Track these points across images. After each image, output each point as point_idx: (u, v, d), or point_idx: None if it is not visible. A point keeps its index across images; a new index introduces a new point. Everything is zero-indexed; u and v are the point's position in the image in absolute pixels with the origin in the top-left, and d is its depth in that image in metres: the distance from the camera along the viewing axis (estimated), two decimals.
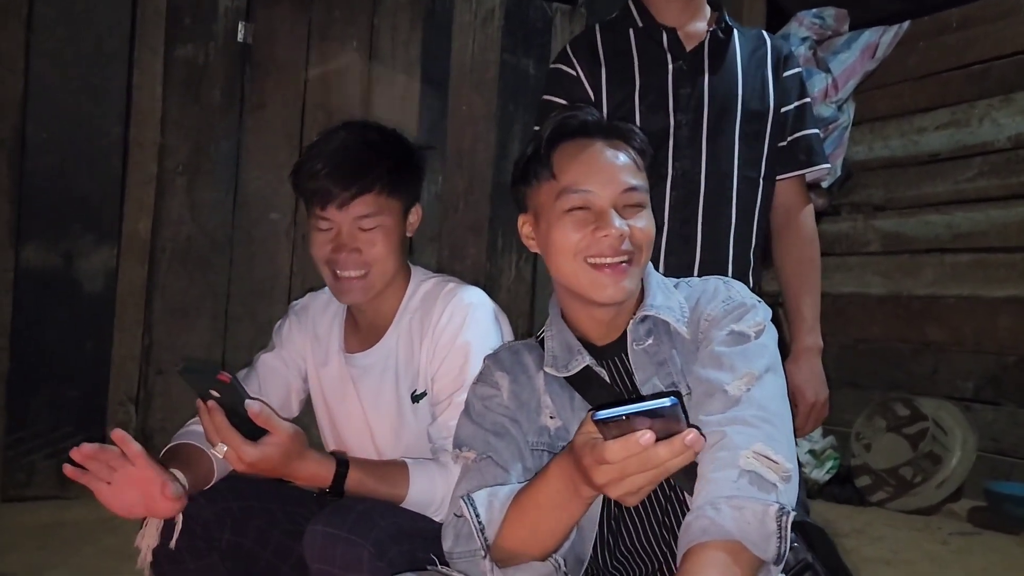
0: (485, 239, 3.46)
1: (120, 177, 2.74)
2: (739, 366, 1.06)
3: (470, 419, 1.23)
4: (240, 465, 1.16)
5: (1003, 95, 3.12)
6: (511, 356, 1.26)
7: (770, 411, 1.02)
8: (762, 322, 1.12)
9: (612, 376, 1.18)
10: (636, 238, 1.14)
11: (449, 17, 3.36)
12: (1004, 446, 3.03)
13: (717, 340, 1.10)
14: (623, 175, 1.15)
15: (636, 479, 0.89)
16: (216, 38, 2.91)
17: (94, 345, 2.71)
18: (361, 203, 1.38)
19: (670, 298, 1.19)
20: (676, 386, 1.14)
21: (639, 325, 1.17)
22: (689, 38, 1.72)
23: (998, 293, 3.09)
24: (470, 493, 1.13)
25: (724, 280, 1.21)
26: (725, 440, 0.98)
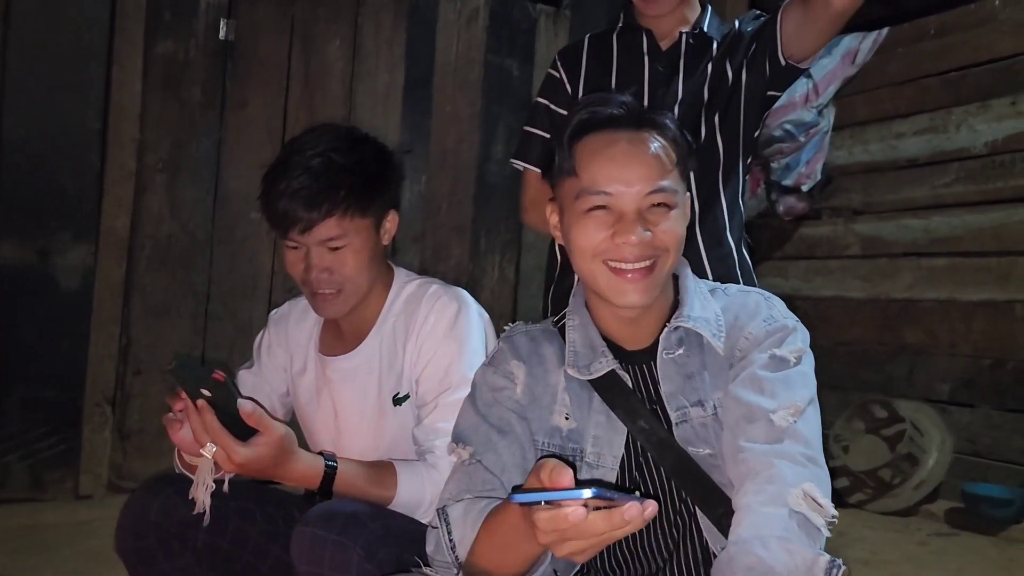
0: (468, 240, 3.45)
1: (98, 173, 2.71)
2: (780, 393, 1.02)
3: (475, 408, 1.17)
4: (230, 465, 1.14)
5: (980, 102, 3.16)
6: (528, 343, 1.20)
7: (814, 448, 1.00)
8: (802, 348, 1.09)
9: (635, 382, 1.14)
10: (660, 241, 1.08)
11: (433, 16, 3.35)
12: (980, 448, 3.06)
13: (758, 363, 1.06)
14: (648, 175, 1.08)
15: (576, 543, 0.85)
16: (197, 35, 2.88)
17: (70, 344, 2.67)
18: (324, 228, 1.34)
19: (706, 308, 1.13)
20: (703, 404, 1.10)
21: (672, 334, 1.12)
22: (665, 38, 1.75)
23: (973, 297, 3.13)
24: (446, 506, 1.10)
25: (765, 296, 1.16)
26: (774, 473, 0.95)
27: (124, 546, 1.29)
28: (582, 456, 1.14)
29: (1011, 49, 3.08)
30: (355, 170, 1.37)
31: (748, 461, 0.98)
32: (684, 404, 1.11)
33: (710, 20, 1.77)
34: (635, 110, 1.13)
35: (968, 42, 3.20)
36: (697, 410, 1.10)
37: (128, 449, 2.77)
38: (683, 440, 1.11)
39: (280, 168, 1.37)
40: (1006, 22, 3.10)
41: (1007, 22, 3.09)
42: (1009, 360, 3.01)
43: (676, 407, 1.11)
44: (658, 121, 1.12)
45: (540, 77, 3.50)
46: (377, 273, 1.45)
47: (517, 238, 3.56)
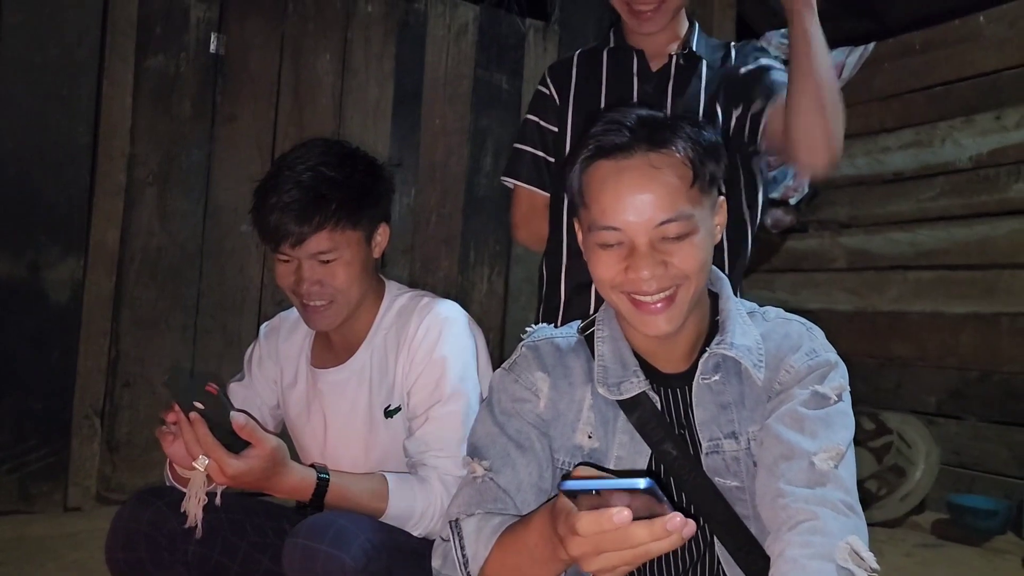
0: (457, 252, 3.47)
1: (88, 187, 2.71)
2: (821, 434, 1.00)
3: (492, 417, 1.13)
4: (222, 478, 1.15)
5: (964, 116, 3.20)
6: (554, 354, 1.15)
7: (854, 496, 0.98)
8: (843, 384, 1.06)
9: (664, 405, 1.10)
10: (677, 271, 1.03)
11: (423, 31, 3.38)
12: (966, 459, 3.09)
13: (799, 399, 1.03)
14: (658, 204, 1.02)
15: (611, 557, 0.81)
16: (188, 49, 2.89)
17: (59, 357, 2.66)
18: (315, 241, 1.36)
19: (747, 335, 1.09)
20: (736, 436, 1.07)
21: (710, 359, 1.09)
22: (655, 58, 1.74)
23: (960, 309, 3.16)
24: (459, 519, 1.07)
25: (807, 327, 1.12)
26: (818, 524, 0.93)
27: (114, 557, 1.29)
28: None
29: (995, 65, 3.12)
30: (345, 184, 1.38)
31: (789, 507, 0.95)
32: (718, 435, 1.08)
33: (698, 38, 1.76)
34: (640, 130, 1.06)
35: (953, 58, 3.25)
36: (730, 442, 1.08)
37: (117, 461, 2.76)
38: (710, 470, 1.08)
39: (271, 182, 1.38)
40: (990, 38, 3.14)
41: (991, 38, 3.14)
42: (995, 372, 3.04)
43: (709, 437, 1.08)
44: (668, 140, 1.05)
45: (529, 91, 3.55)
46: (368, 286, 1.46)
47: (506, 250, 3.57)
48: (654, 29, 1.71)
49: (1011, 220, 3.03)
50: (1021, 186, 3.02)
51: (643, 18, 1.68)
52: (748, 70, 1.68)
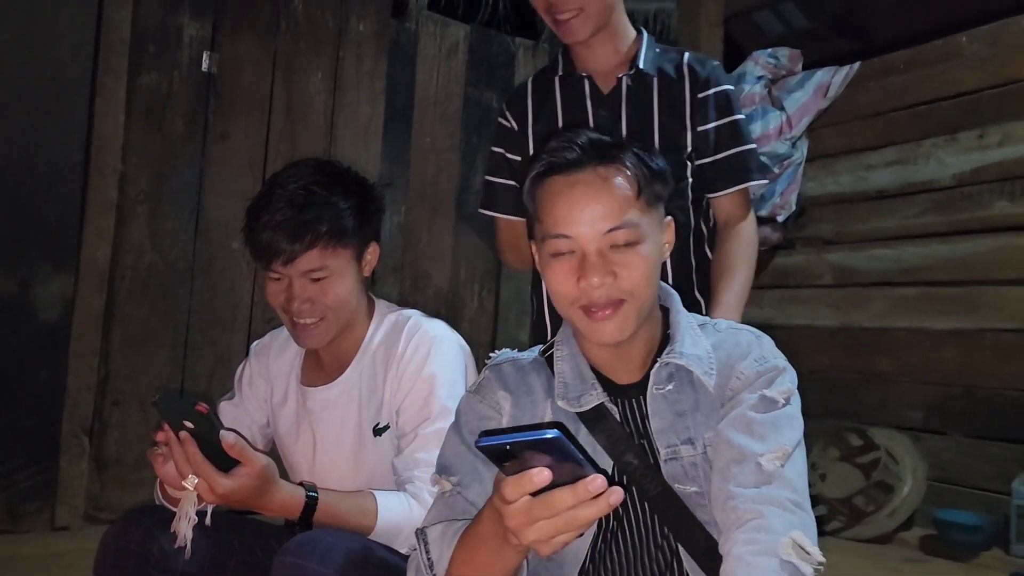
0: (448, 270, 3.49)
1: (80, 204, 2.72)
2: (770, 436, 1.04)
3: (459, 437, 1.17)
4: (212, 496, 1.16)
5: (947, 135, 3.25)
6: (516, 373, 1.20)
7: (801, 494, 1.01)
8: (791, 388, 1.10)
9: (624, 415, 1.14)
10: (624, 284, 1.08)
11: (414, 50, 3.41)
12: (951, 475, 3.11)
13: (748, 404, 1.07)
14: (605, 213, 1.08)
15: (544, 527, 0.84)
16: (181, 67, 2.91)
17: (48, 374, 2.66)
18: (306, 259, 1.38)
19: (697, 345, 1.14)
20: (692, 442, 1.10)
21: (663, 369, 1.13)
22: (606, 79, 1.77)
23: (943, 325, 3.19)
24: (425, 527, 1.11)
25: (756, 334, 1.17)
26: (762, 522, 0.96)
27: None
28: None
29: (976, 84, 3.17)
30: (337, 203, 1.40)
31: (738, 508, 0.99)
32: (675, 442, 1.11)
33: (646, 52, 1.77)
34: (591, 149, 1.12)
35: (935, 77, 3.30)
36: (687, 448, 1.11)
37: (105, 480, 2.76)
38: (670, 477, 1.11)
39: (263, 201, 1.40)
40: (971, 58, 3.19)
41: (972, 58, 3.19)
42: (979, 388, 3.07)
43: (666, 444, 1.12)
44: (614, 154, 1.11)
45: None
46: (358, 304, 1.47)
47: (496, 268, 3.59)
48: (578, 37, 1.72)
49: (993, 237, 3.07)
50: (1003, 204, 3.06)
51: (564, 27, 1.70)
52: (717, 126, 1.76)
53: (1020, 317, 2.97)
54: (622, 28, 1.79)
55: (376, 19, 3.30)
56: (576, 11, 1.68)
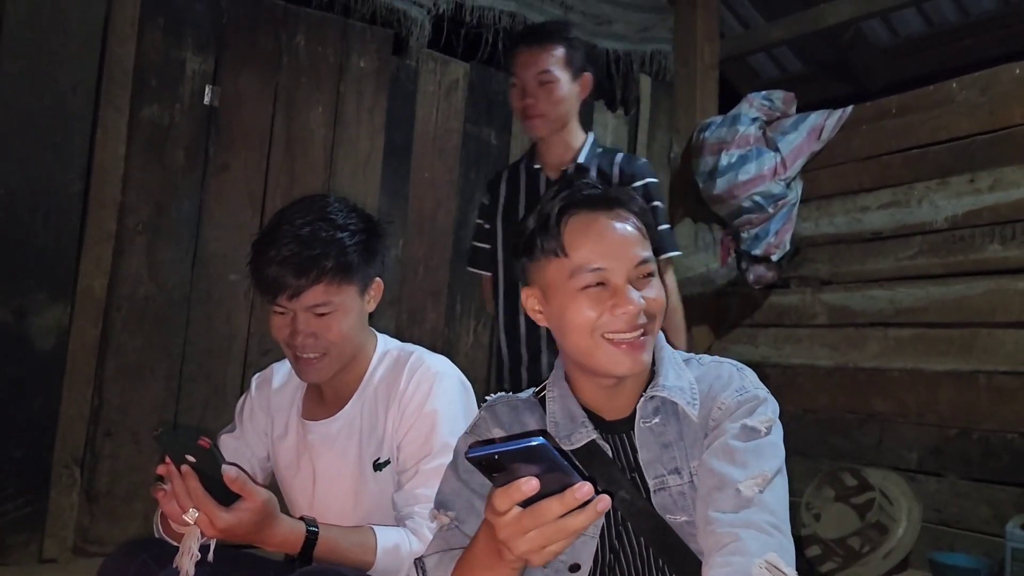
0: (444, 304, 3.49)
1: (78, 234, 2.72)
2: (751, 463, 1.06)
3: (456, 474, 1.19)
4: (212, 531, 1.15)
5: (939, 178, 3.29)
6: (509, 412, 1.23)
7: (780, 517, 1.03)
8: (772, 418, 1.13)
9: (615, 451, 1.17)
10: (651, 309, 1.14)
11: (414, 87, 3.45)
12: (947, 516, 3.10)
13: (730, 433, 1.10)
14: (634, 248, 1.15)
15: (535, 537, 0.86)
16: (182, 100, 2.93)
17: (42, 404, 2.64)
18: (311, 294, 1.39)
19: (681, 377, 1.18)
20: (679, 472, 1.13)
21: (648, 403, 1.16)
22: (553, 171, 2.38)
23: (938, 367, 3.20)
24: (423, 556, 1.13)
25: (738, 367, 1.21)
26: (739, 544, 0.98)
27: None
28: None
29: (968, 129, 3.22)
30: (342, 240, 1.41)
31: (716, 533, 1.01)
32: (662, 472, 1.14)
33: (588, 151, 2.38)
34: (603, 194, 1.20)
35: (928, 122, 3.35)
36: (674, 478, 1.14)
37: (95, 512, 2.72)
38: (661, 507, 1.14)
39: (270, 236, 1.41)
40: (963, 104, 3.25)
41: (964, 104, 3.24)
42: (974, 430, 3.07)
43: (654, 475, 1.14)
44: (624, 199, 1.20)
45: (517, 146, 3.64)
46: (361, 339, 1.48)
47: None
48: (539, 134, 2.35)
49: (986, 280, 3.10)
50: (995, 247, 3.09)
51: (528, 124, 2.33)
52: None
53: (1015, 359, 2.99)
54: (574, 131, 2.40)
55: (377, 56, 3.34)
56: (540, 114, 2.31)
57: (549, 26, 2.44)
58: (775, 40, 4.43)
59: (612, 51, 3.97)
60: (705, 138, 3.79)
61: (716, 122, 3.80)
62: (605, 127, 3.96)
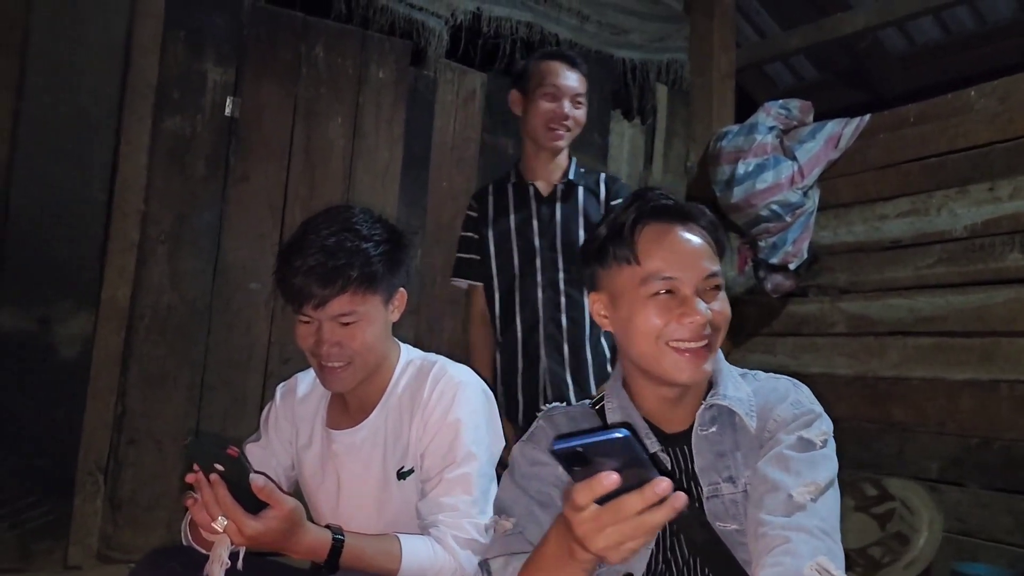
0: (462, 314, 3.50)
1: (101, 244, 2.75)
2: (804, 472, 1.08)
3: (514, 481, 1.22)
4: (240, 538, 1.17)
5: (959, 187, 3.27)
6: (568, 422, 1.26)
7: (830, 524, 1.05)
8: (827, 432, 1.15)
9: (674, 463, 1.19)
10: (716, 321, 1.18)
11: (432, 97, 3.47)
12: (969, 527, 3.08)
13: (785, 443, 1.12)
14: (704, 260, 1.19)
15: (612, 533, 0.86)
16: (204, 111, 2.97)
17: (66, 412, 2.67)
18: (337, 304, 1.41)
19: (739, 389, 1.20)
20: (734, 480, 1.15)
21: (707, 411, 1.19)
22: (545, 186, 2.56)
23: (959, 376, 3.18)
24: (488, 558, 1.16)
25: (793, 383, 1.23)
26: (789, 546, 1.00)
27: None
28: None
29: (987, 138, 3.20)
30: (367, 250, 1.43)
31: (767, 535, 1.03)
32: (716, 480, 1.16)
33: (575, 169, 2.58)
34: (677, 206, 1.23)
35: (946, 130, 3.33)
36: (728, 486, 1.16)
37: (119, 520, 2.75)
38: (712, 515, 1.16)
39: (296, 246, 1.43)
40: (981, 112, 3.23)
41: (982, 112, 3.23)
42: (996, 440, 3.05)
43: (708, 482, 1.16)
44: (696, 214, 1.23)
45: None
46: (385, 348, 1.49)
47: None
48: (560, 146, 2.51)
49: (1007, 289, 3.08)
50: (1016, 256, 3.08)
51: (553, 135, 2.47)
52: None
53: None
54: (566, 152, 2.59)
55: (395, 67, 3.37)
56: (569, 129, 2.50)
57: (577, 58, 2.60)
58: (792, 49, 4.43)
59: (628, 61, 3.98)
60: (722, 147, 3.80)
61: (733, 131, 3.81)
62: (622, 136, 3.97)
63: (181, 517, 1.49)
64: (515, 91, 2.57)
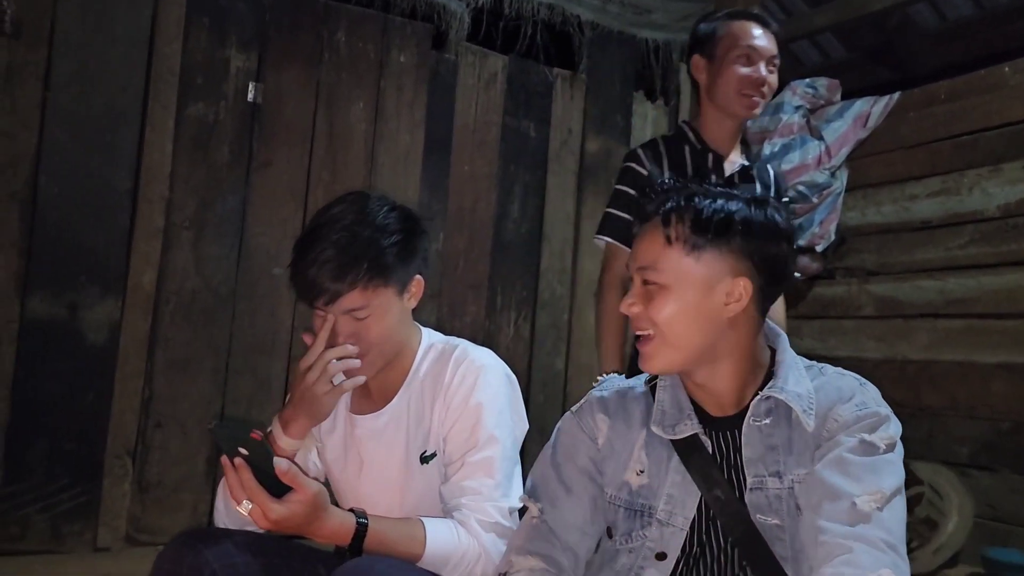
0: (484, 297, 3.50)
1: (128, 231, 2.78)
2: (866, 479, 1.04)
3: (552, 459, 1.25)
4: (265, 522, 1.17)
5: (992, 165, 3.20)
6: (618, 400, 1.27)
7: (896, 537, 1.02)
8: (894, 436, 1.11)
9: (716, 448, 1.18)
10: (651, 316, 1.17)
11: (453, 80, 3.45)
12: (1001, 513, 3.03)
13: (846, 446, 1.08)
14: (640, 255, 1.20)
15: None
16: (227, 97, 2.97)
17: (94, 397, 2.70)
18: (348, 299, 1.39)
19: (800, 383, 1.17)
20: (780, 476, 1.13)
21: (763, 402, 1.16)
22: (729, 164, 2.21)
23: (990, 359, 3.12)
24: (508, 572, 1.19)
25: (860, 381, 1.19)
26: (851, 557, 0.97)
27: None
28: (652, 513, 1.18)
29: (1021, 115, 3.13)
30: (379, 241, 1.40)
31: (828, 543, 1.00)
32: (762, 473, 1.14)
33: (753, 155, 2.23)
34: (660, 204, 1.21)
35: (979, 107, 3.26)
36: (774, 480, 1.14)
37: (146, 502, 2.79)
38: (753, 506, 1.14)
39: (308, 239, 1.42)
40: (1016, 88, 3.16)
41: (1017, 88, 3.15)
42: None
43: (754, 473, 1.15)
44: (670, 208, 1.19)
45: (556, 138, 3.62)
46: (402, 336, 1.49)
47: (532, 295, 3.60)
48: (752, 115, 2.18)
49: None
50: None
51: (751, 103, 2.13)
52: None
53: None
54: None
55: (417, 50, 3.35)
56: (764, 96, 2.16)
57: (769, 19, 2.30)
58: (819, 26, 4.34)
59: (651, 41, 3.94)
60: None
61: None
62: (644, 118, 3.93)
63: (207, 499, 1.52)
64: (698, 56, 2.27)
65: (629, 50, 3.86)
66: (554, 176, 3.66)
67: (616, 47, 3.81)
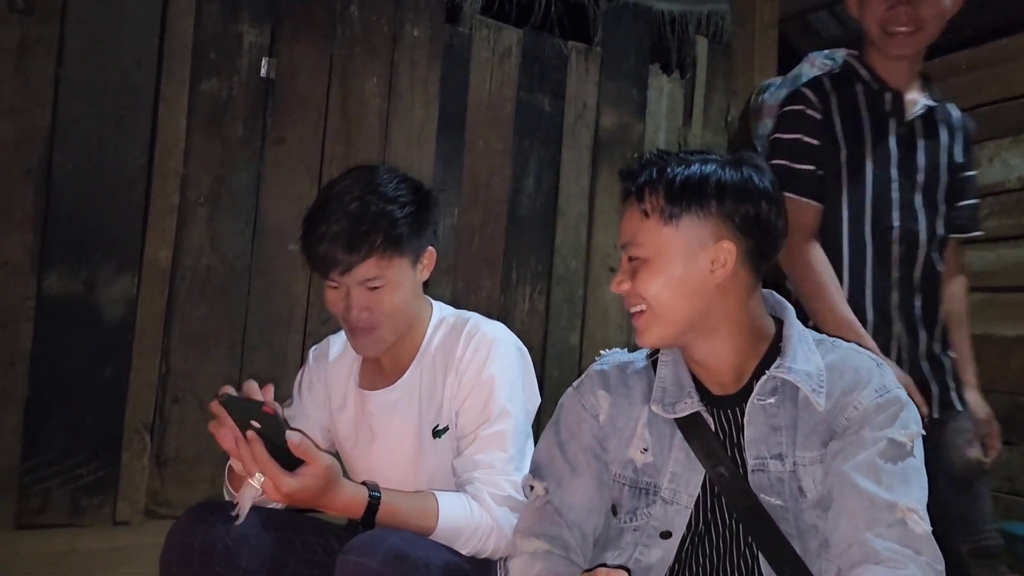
0: (499, 272, 3.49)
1: (143, 207, 2.78)
2: (897, 488, 1.04)
3: (556, 437, 1.25)
4: (277, 495, 1.18)
5: (1013, 136, 3.15)
6: (618, 375, 1.26)
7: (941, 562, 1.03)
8: (916, 431, 1.10)
9: (718, 425, 1.17)
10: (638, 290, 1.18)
11: (467, 55, 3.42)
12: (1019, 486, 3.01)
13: (875, 447, 1.07)
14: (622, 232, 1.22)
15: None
16: (240, 72, 2.96)
17: (112, 372, 2.73)
18: (362, 269, 1.40)
19: (809, 360, 1.14)
20: (782, 458, 1.12)
21: (768, 382, 1.14)
22: (910, 105, 1.93)
23: (1009, 332, 3.10)
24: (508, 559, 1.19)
25: (876, 361, 1.16)
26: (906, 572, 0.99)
27: (168, 572, 1.32)
28: (656, 491, 1.18)
29: None
30: (392, 212, 1.41)
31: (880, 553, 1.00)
32: (764, 455, 1.13)
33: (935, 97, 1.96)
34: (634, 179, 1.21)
35: (1000, 77, 3.21)
36: (775, 463, 1.13)
37: (165, 476, 2.82)
38: (756, 486, 1.14)
39: (319, 212, 1.42)
40: None
41: None
42: None
43: (755, 455, 1.14)
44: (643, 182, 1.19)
45: (571, 112, 3.59)
46: (415, 309, 1.49)
47: (547, 270, 3.59)
48: (905, 52, 1.88)
49: None
50: None
51: (896, 40, 1.85)
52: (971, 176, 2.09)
53: None
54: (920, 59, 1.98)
55: (430, 24, 3.32)
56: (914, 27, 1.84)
57: None
58: None
59: (667, 13, 3.88)
60: (764, 100, 3.68)
61: (775, 84, 3.68)
62: (660, 91, 3.89)
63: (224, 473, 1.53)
64: None
65: (644, 22, 3.81)
66: (569, 150, 3.63)
67: (631, 19, 3.76)
